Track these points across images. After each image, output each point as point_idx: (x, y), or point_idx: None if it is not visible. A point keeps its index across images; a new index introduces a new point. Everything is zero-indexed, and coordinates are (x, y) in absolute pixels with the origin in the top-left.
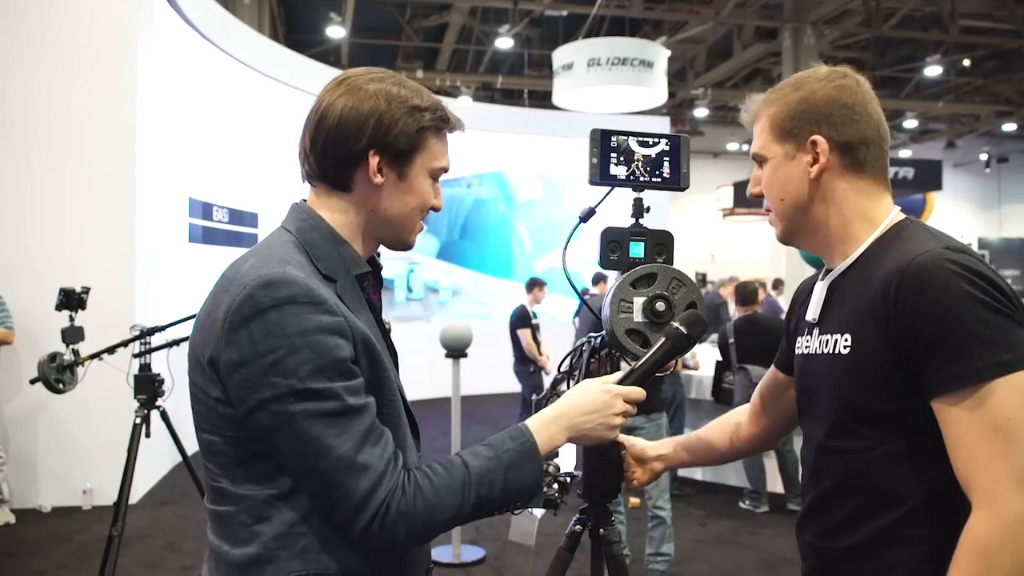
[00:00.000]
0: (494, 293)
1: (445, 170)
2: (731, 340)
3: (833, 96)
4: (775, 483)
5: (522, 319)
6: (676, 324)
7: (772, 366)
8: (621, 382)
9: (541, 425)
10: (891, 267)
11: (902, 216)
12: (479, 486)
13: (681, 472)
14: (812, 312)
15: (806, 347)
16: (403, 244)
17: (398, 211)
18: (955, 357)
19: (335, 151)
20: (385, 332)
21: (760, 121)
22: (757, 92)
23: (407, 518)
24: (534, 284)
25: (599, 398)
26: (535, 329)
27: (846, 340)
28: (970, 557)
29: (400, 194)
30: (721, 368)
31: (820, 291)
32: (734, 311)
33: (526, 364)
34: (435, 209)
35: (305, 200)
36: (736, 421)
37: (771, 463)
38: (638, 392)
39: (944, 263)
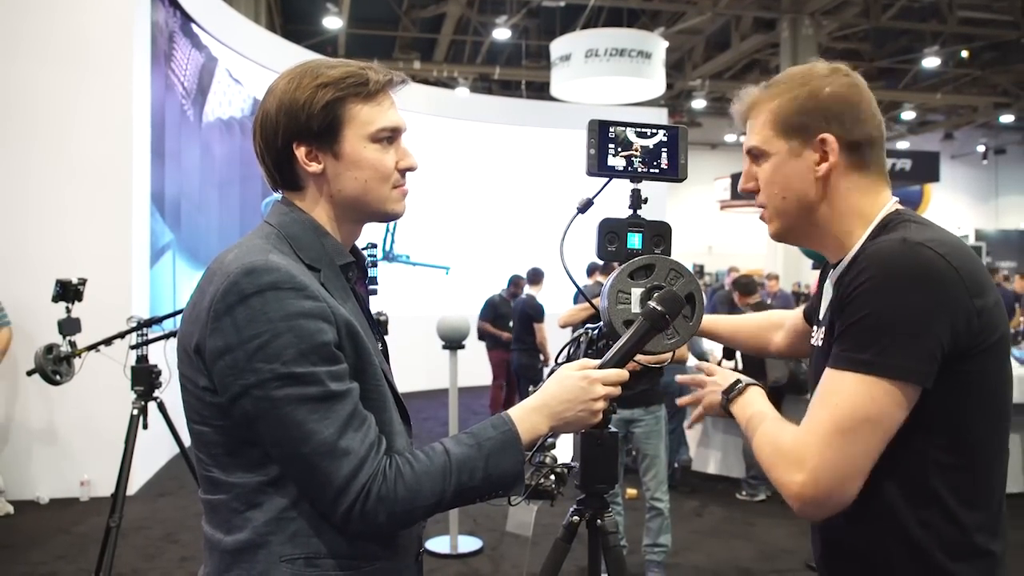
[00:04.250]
0: None
1: (393, 130)
2: None
3: (842, 94)
4: None
5: (540, 312)
6: (652, 303)
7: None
8: (602, 366)
9: (523, 414)
10: (856, 259)
11: (894, 208)
12: (460, 473)
13: (679, 465)
14: (821, 312)
15: (811, 338)
16: (385, 215)
17: (353, 189)
18: (839, 340)
19: (268, 156)
20: (373, 322)
21: (759, 115)
22: (753, 84)
23: (388, 503)
24: (539, 274)
25: (576, 385)
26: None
27: (822, 333)
28: (769, 442)
29: (346, 171)
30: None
31: (828, 289)
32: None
33: (534, 358)
34: (408, 169)
35: (285, 196)
36: (777, 324)
37: None
38: (618, 374)
39: (887, 256)
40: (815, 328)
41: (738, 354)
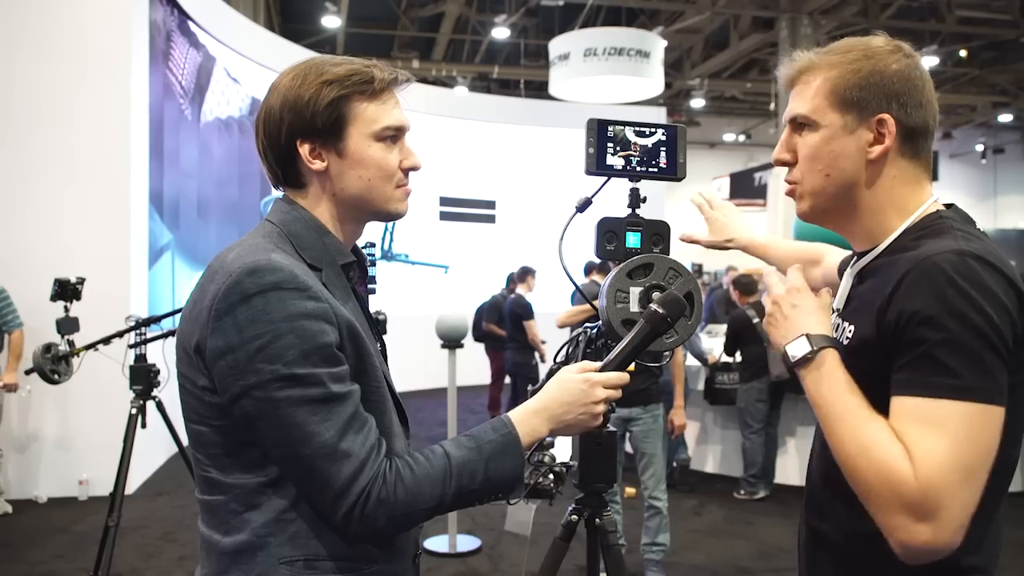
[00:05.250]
0: None
1: (397, 129)
2: (756, 320)
3: (907, 74)
4: (786, 475)
5: (528, 310)
6: (654, 306)
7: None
8: (603, 368)
9: (523, 417)
10: (904, 265)
11: (935, 208)
12: (460, 476)
13: (678, 464)
14: (837, 301)
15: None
16: (388, 215)
17: (356, 187)
18: (918, 365)
19: (271, 153)
20: (373, 322)
21: (812, 81)
22: (753, 83)
23: (388, 506)
24: (527, 272)
25: (577, 388)
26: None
27: (850, 331)
28: (876, 466)
29: (350, 170)
30: (714, 369)
31: (847, 279)
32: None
33: (528, 356)
34: (412, 169)
35: (286, 194)
36: (816, 259)
37: (783, 453)
38: (619, 377)
39: (949, 269)
40: (835, 318)
41: (737, 353)
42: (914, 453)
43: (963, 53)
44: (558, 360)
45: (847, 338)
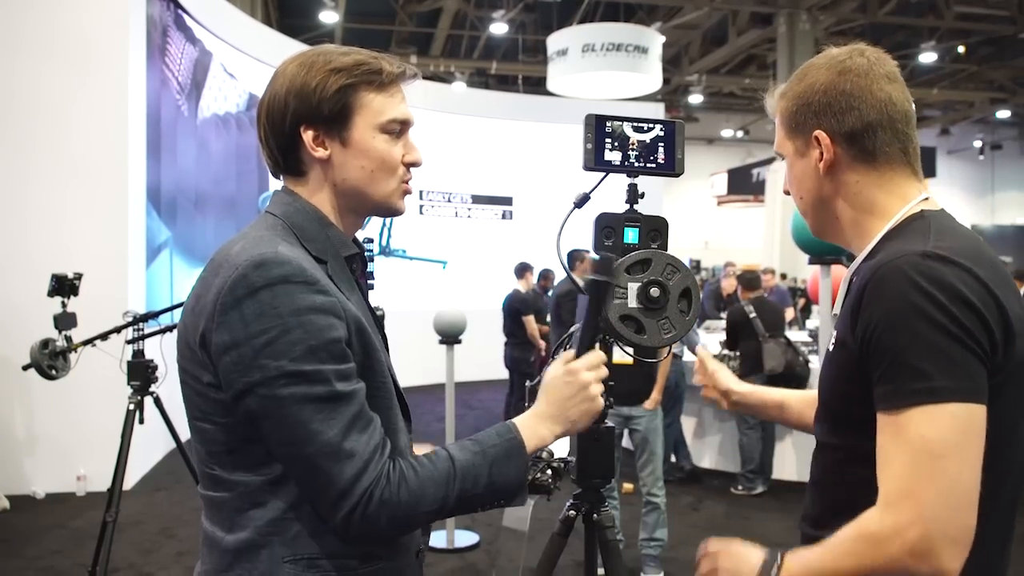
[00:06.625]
0: None
1: (401, 123)
2: (753, 315)
3: (832, 83)
4: (783, 470)
5: (527, 304)
6: (588, 276)
7: None
8: (577, 355)
9: (527, 422)
10: (869, 271)
11: (920, 208)
12: (463, 480)
13: (674, 459)
14: (836, 307)
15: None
16: (387, 210)
17: (357, 178)
18: (889, 375)
19: (273, 139)
20: (375, 315)
21: (777, 117)
22: (751, 79)
23: (390, 508)
24: (525, 268)
25: (564, 381)
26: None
27: (834, 338)
28: (857, 540)
29: (352, 160)
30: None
31: (844, 286)
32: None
33: (527, 351)
34: (414, 164)
35: (287, 186)
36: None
37: (780, 449)
38: (597, 355)
39: (910, 271)
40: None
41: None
42: (880, 487)
43: (961, 49)
44: (555, 357)
45: (832, 344)
